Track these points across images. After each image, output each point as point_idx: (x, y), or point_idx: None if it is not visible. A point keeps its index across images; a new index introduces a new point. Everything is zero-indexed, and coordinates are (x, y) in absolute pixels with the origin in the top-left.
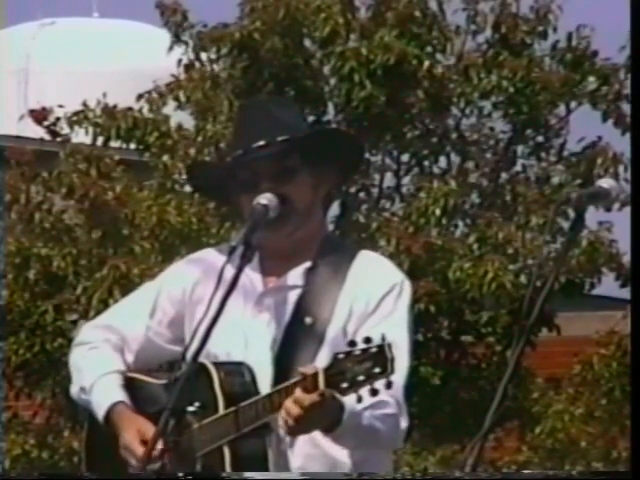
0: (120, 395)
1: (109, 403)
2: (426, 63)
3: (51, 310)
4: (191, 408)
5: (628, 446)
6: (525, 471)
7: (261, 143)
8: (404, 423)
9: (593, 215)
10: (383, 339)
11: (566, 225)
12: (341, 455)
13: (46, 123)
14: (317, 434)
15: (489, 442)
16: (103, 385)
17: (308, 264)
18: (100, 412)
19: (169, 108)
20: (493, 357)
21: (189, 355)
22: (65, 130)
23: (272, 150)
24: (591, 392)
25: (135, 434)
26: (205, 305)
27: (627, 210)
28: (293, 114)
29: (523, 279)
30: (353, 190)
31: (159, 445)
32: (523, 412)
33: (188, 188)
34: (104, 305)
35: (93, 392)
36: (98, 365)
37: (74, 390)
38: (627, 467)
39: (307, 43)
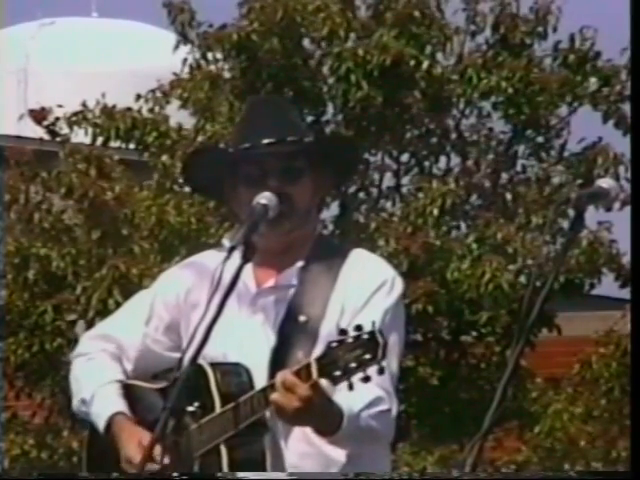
0: (120, 405)
1: (108, 414)
2: (425, 63)
3: (50, 310)
4: (191, 408)
5: (627, 446)
6: (524, 471)
7: (272, 140)
8: (394, 410)
9: (593, 215)
10: (373, 325)
11: (566, 225)
12: (336, 452)
13: (45, 123)
14: (310, 432)
15: (488, 442)
16: (102, 396)
17: (301, 263)
18: (100, 423)
19: (169, 108)
20: (492, 357)
21: (188, 356)
22: (64, 130)
23: (284, 149)
24: (590, 392)
25: (137, 446)
26: (202, 308)
27: (627, 210)
28: (298, 116)
29: (522, 279)
30: (352, 190)
31: (157, 449)
32: (522, 412)
33: (187, 188)
34: (103, 305)
35: (93, 403)
36: (96, 376)
37: (74, 403)
38: (626, 467)
39: (305, 44)
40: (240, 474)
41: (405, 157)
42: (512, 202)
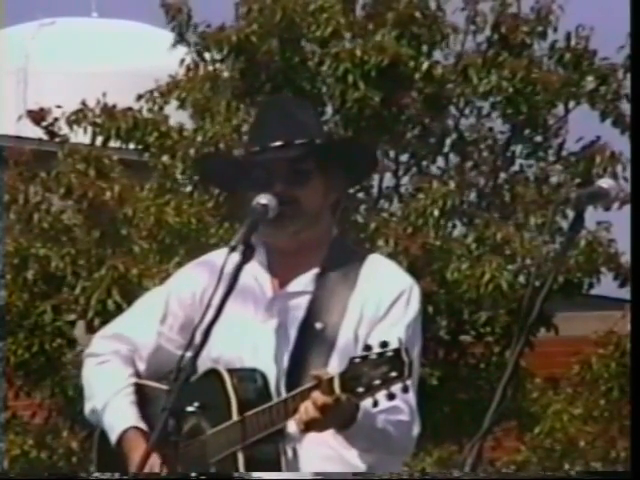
0: (132, 418)
1: (120, 430)
2: (425, 63)
3: (50, 310)
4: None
5: (627, 446)
6: (524, 471)
7: (279, 143)
8: (416, 430)
9: (591, 215)
10: (400, 343)
11: (565, 225)
12: (353, 458)
13: (44, 123)
14: (329, 437)
15: (488, 442)
16: (114, 407)
17: (317, 269)
18: (112, 436)
19: (169, 108)
20: (492, 357)
21: (187, 356)
22: (63, 130)
23: (289, 153)
24: (590, 392)
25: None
26: (211, 308)
27: (625, 210)
28: (311, 116)
29: (521, 279)
30: (352, 190)
31: (156, 458)
32: (522, 412)
33: (188, 188)
34: (102, 305)
35: (105, 414)
36: (108, 383)
37: (86, 410)
38: (626, 467)
39: (303, 45)
40: (254, 474)
41: (404, 157)
42: (511, 202)
